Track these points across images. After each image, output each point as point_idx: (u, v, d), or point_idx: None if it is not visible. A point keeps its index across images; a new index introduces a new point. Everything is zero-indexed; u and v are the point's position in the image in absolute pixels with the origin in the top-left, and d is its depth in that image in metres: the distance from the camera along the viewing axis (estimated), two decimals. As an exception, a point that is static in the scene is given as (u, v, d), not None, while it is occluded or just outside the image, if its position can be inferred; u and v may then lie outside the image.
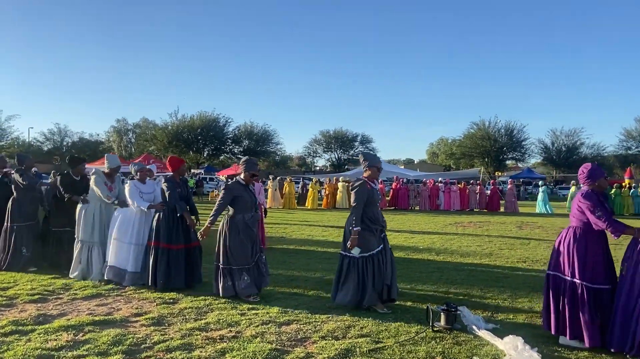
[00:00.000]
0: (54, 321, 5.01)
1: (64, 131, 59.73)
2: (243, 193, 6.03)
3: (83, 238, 7.02)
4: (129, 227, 6.73)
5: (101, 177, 7.11)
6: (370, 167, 5.71)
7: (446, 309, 4.92)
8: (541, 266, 8.77)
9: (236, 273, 5.92)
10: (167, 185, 6.49)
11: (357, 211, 5.50)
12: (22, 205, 7.77)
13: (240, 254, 5.91)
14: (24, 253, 7.62)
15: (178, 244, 6.44)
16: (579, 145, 56.84)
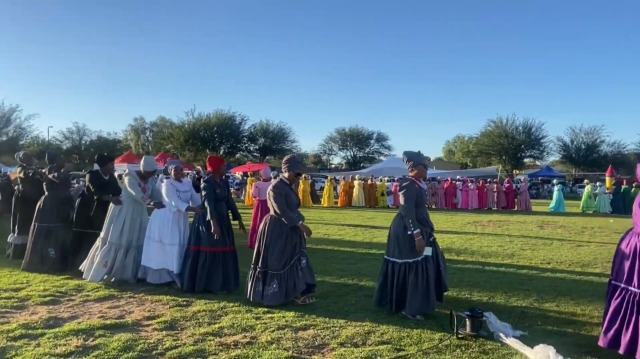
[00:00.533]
0: (64, 325, 4.87)
1: (82, 130, 60.16)
2: (289, 192, 5.75)
3: (111, 240, 6.69)
4: (167, 227, 6.52)
5: (135, 178, 6.85)
6: (416, 166, 5.45)
7: (471, 315, 4.67)
8: (566, 267, 8.47)
9: (268, 278, 5.62)
10: (205, 186, 6.22)
11: (410, 212, 5.23)
12: (54, 205, 7.53)
13: (278, 258, 5.58)
14: (52, 254, 7.38)
15: (215, 247, 6.21)
16: (599, 143, 55.70)
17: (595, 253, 10.13)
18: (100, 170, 7.34)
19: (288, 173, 5.80)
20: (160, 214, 6.61)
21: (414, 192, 5.28)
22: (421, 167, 5.46)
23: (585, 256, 9.63)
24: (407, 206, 5.24)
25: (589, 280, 7.43)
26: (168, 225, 6.53)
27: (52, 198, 7.55)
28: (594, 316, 5.48)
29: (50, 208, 7.48)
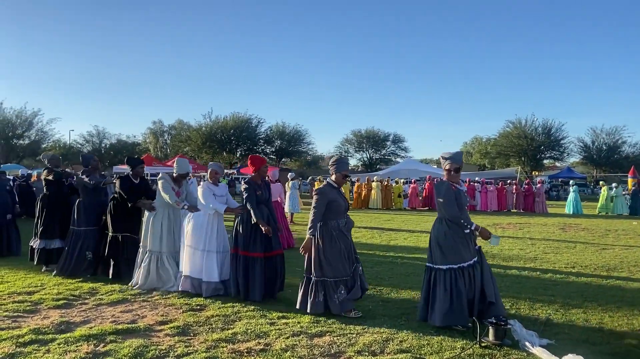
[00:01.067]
0: (75, 330, 4.78)
1: (102, 133, 60.87)
2: (337, 196, 5.42)
3: (152, 248, 6.50)
4: (202, 233, 6.20)
5: (168, 181, 6.62)
6: (452, 170, 5.19)
7: (495, 323, 4.46)
8: (592, 271, 8.18)
9: (331, 287, 5.26)
10: (246, 188, 5.94)
11: (454, 212, 4.97)
12: (88, 208, 7.35)
13: (337, 264, 5.25)
14: (89, 257, 7.19)
15: (255, 252, 5.86)
16: (620, 143, 54.67)
17: (621, 256, 9.80)
18: (131, 174, 7.13)
19: (335, 176, 5.50)
20: (195, 218, 6.29)
21: (452, 194, 5.03)
22: (453, 172, 5.19)
23: (611, 260, 9.31)
24: (450, 208, 4.99)
25: (616, 285, 7.15)
26: (204, 230, 6.21)
27: (86, 202, 7.35)
28: (622, 324, 5.23)
29: (85, 212, 7.30)
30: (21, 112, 49.51)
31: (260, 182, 6.10)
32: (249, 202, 5.87)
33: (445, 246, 4.98)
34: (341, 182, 5.52)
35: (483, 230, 4.98)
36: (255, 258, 5.85)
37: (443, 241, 5.01)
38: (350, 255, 5.39)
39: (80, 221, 7.28)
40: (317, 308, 5.28)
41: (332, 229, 5.33)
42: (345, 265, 5.30)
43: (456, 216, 4.96)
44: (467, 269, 4.92)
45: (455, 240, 4.95)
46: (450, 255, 4.95)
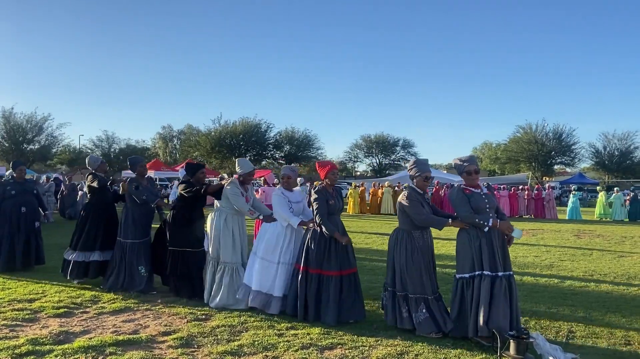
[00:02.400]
0: (74, 341, 4.57)
1: (111, 138, 60.99)
2: (423, 202, 5.02)
3: (225, 259, 5.83)
4: (278, 243, 5.60)
5: (238, 186, 5.91)
6: (460, 174, 4.95)
7: (517, 336, 4.19)
8: (612, 279, 7.87)
9: (413, 303, 4.86)
10: (317, 198, 5.33)
11: (462, 211, 4.71)
12: (137, 218, 6.64)
13: (416, 279, 4.85)
14: (142, 273, 6.53)
15: (330, 270, 5.26)
16: (633, 149, 53.96)
17: (621, 265, 9.46)
18: (192, 180, 6.35)
19: (417, 179, 5.05)
20: (271, 227, 5.71)
21: (463, 196, 4.75)
22: (465, 176, 4.89)
23: (630, 268, 8.99)
24: (459, 209, 4.73)
25: (638, 294, 6.84)
26: (280, 241, 5.61)
27: (135, 211, 6.66)
28: (651, 337, 4.94)
29: (133, 222, 6.60)
30: (31, 117, 49.75)
31: (331, 190, 5.51)
32: (319, 214, 5.28)
33: (458, 254, 4.81)
34: (423, 186, 5.07)
35: (502, 223, 4.65)
36: (330, 276, 5.25)
37: (457, 248, 4.83)
38: (434, 272, 5.05)
39: (129, 232, 6.58)
40: (405, 324, 4.90)
41: (416, 239, 4.95)
42: (427, 281, 4.90)
43: (467, 217, 4.68)
44: (477, 278, 4.59)
45: (465, 248, 4.71)
46: (460, 262, 4.75)
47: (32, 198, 8.24)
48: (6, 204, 7.93)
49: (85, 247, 6.90)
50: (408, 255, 4.89)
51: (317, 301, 5.26)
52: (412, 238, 4.94)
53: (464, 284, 4.66)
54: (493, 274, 4.56)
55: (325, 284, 5.24)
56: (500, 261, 4.63)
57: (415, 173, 5.06)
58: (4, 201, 7.93)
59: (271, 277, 5.54)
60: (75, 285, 6.83)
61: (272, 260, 5.57)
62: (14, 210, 7.93)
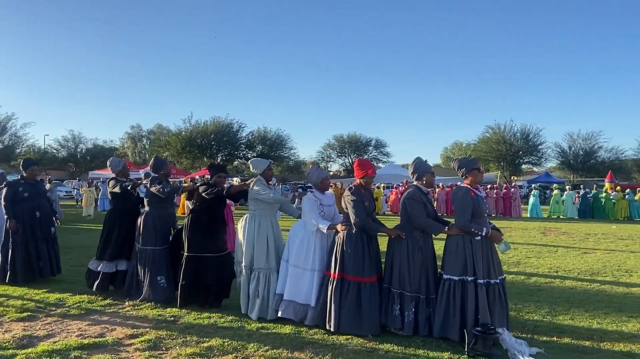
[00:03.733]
0: (38, 345, 4.46)
1: (78, 138, 59.60)
2: (426, 203, 4.92)
3: (259, 265, 5.43)
4: (310, 248, 5.20)
5: (263, 182, 5.57)
6: (470, 172, 4.83)
7: (483, 332, 4.27)
8: (576, 275, 8.09)
9: (407, 301, 4.77)
10: (353, 198, 5.01)
11: (464, 219, 4.61)
12: (158, 223, 6.14)
13: (414, 278, 4.76)
14: (162, 284, 6.01)
15: (369, 276, 4.93)
16: (597, 149, 55.49)
17: (603, 260, 9.75)
18: (214, 182, 6.00)
19: (426, 176, 5.02)
20: (303, 231, 5.29)
21: (469, 201, 4.65)
22: (476, 172, 4.82)
23: (594, 264, 9.25)
24: (461, 215, 4.62)
25: (601, 290, 7.05)
26: (312, 246, 5.21)
27: (154, 216, 6.15)
28: (611, 331, 5.10)
29: (154, 228, 6.10)
30: (-7, 117, 48.34)
31: (365, 192, 5.21)
32: (359, 215, 4.92)
33: (448, 254, 4.75)
34: (429, 184, 5.02)
35: (494, 233, 4.65)
36: (367, 284, 4.90)
37: (449, 248, 4.76)
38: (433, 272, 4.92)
39: (149, 238, 6.06)
40: (395, 323, 4.79)
41: (417, 238, 4.86)
42: (424, 280, 4.81)
43: (464, 226, 4.61)
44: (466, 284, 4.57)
45: (458, 251, 4.65)
46: (450, 263, 4.69)
47: (46, 202, 7.37)
48: (18, 208, 6.99)
49: (112, 256, 6.42)
50: (409, 254, 4.82)
51: (357, 310, 4.82)
52: (413, 237, 4.86)
53: (451, 286, 4.61)
54: (486, 281, 4.55)
55: (364, 292, 4.86)
56: (495, 267, 4.64)
57: (417, 176, 5.02)
58: (15, 205, 6.99)
59: (305, 285, 5.13)
60: (40, 289, 6.64)
61: (304, 267, 5.16)
62: (28, 215, 7.01)
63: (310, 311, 5.07)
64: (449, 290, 4.62)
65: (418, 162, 5.11)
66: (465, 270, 4.58)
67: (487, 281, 4.57)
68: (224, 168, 6.31)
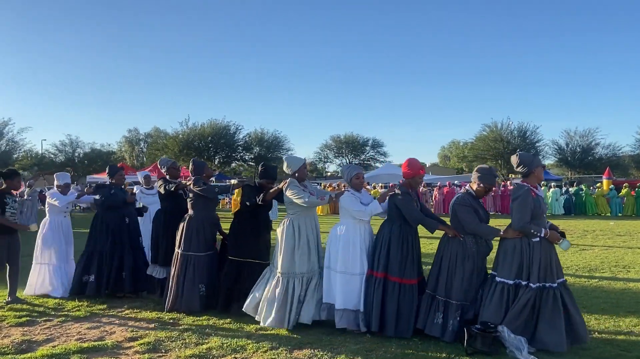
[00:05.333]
0: (37, 349, 4.46)
1: (75, 142, 59.45)
2: (477, 208, 4.74)
3: (302, 270, 5.09)
4: (356, 252, 4.96)
5: (296, 184, 5.27)
6: (534, 169, 4.51)
7: (483, 329, 4.28)
8: (574, 272, 8.11)
9: (452, 310, 4.59)
10: (402, 199, 4.85)
11: (523, 222, 4.33)
12: (202, 227, 5.76)
13: (462, 286, 4.57)
14: (201, 292, 5.66)
15: (412, 278, 4.83)
16: (594, 145, 55.59)
17: (601, 257, 9.79)
18: (261, 185, 5.74)
19: (478, 186, 4.73)
20: (345, 233, 5.03)
21: (530, 202, 4.36)
22: (540, 170, 4.54)
23: (592, 261, 9.28)
24: (521, 216, 4.34)
25: (599, 286, 7.08)
26: (357, 248, 4.97)
27: (198, 219, 5.79)
28: (609, 327, 5.13)
29: (197, 232, 5.73)
30: (-10, 122, 48.29)
31: (412, 191, 5.09)
32: (413, 216, 4.84)
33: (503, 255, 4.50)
34: (483, 193, 4.78)
35: (552, 233, 4.39)
36: (409, 286, 4.80)
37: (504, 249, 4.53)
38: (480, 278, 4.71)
39: (192, 243, 5.69)
40: (435, 331, 4.62)
41: (468, 246, 4.66)
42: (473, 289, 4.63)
43: (523, 227, 4.34)
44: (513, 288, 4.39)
45: (515, 253, 4.41)
46: (506, 266, 4.44)
47: (133, 210, 6.87)
48: (109, 215, 6.49)
49: (166, 261, 6.05)
50: (459, 260, 4.63)
51: (398, 313, 4.74)
52: (464, 243, 4.66)
53: (504, 289, 4.39)
54: (541, 285, 4.33)
55: (407, 294, 4.78)
56: (554, 270, 4.40)
57: (479, 180, 4.73)
58: (106, 212, 6.50)
59: (356, 291, 4.91)
60: (38, 294, 6.62)
61: (353, 272, 4.93)
62: (117, 222, 6.49)
63: (362, 317, 4.86)
64: (502, 294, 4.37)
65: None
66: (520, 273, 4.36)
67: (542, 284, 4.32)
68: (274, 175, 5.89)
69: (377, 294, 4.78)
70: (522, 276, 4.36)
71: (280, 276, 5.09)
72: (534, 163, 4.52)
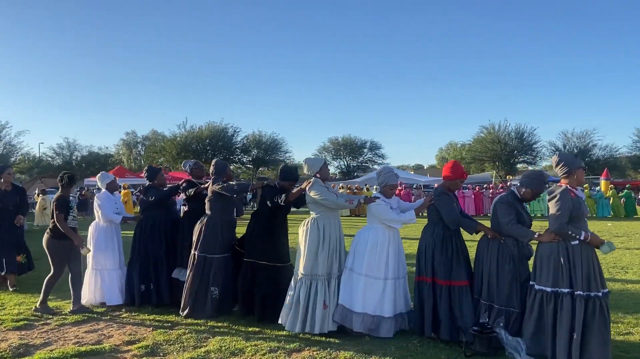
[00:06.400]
0: (35, 353, 4.44)
1: (73, 145, 59.43)
2: (519, 209, 4.57)
3: (322, 272, 4.92)
4: (382, 255, 4.85)
5: (321, 184, 5.12)
6: (576, 170, 4.23)
7: (480, 331, 4.28)
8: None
9: (494, 315, 4.45)
10: (440, 200, 4.81)
11: (560, 224, 4.05)
12: (220, 228, 5.59)
13: (505, 290, 4.42)
14: (214, 295, 5.51)
15: (461, 279, 4.70)
16: (591, 147, 55.72)
17: (599, 258, 9.75)
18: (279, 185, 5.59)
19: (525, 189, 4.57)
20: (373, 236, 4.91)
21: (568, 202, 4.09)
22: (581, 171, 4.27)
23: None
24: (558, 217, 4.06)
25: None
26: (385, 252, 4.86)
27: (216, 220, 5.61)
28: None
29: (214, 233, 5.55)
30: (-13, 126, 48.21)
31: (451, 194, 5.00)
32: (452, 214, 4.73)
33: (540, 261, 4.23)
34: (529, 198, 4.63)
35: (593, 237, 4.09)
36: (458, 287, 4.67)
37: (541, 254, 4.26)
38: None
39: (210, 245, 5.52)
40: None
41: (509, 246, 4.49)
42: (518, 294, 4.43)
43: (561, 228, 4.06)
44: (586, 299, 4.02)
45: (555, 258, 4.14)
46: (544, 273, 4.18)
47: (177, 211, 6.59)
48: (160, 218, 6.21)
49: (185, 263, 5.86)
50: (499, 262, 4.47)
51: (452, 316, 4.61)
52: (504, 245, 4.51)
53: (544, 298, 4.14)
54: (586, 294, 4.01)
55: (458, 296, 4.65)
56: (597, 278, 4.08)
57: (527, 185, 4.56)
58: (157, 214, 6.22)
59: (377, 296, 4.80)
60: (36, 297, 6.59)
61: (377, 276, 4.81)
62: (170, 225, 6.19)
63: (384, 323, 4.77)
64: (541, 303, 4.15)
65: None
66: (559, 280, 4.08)
67: (587, 293, 4.01)
68: (296, 176, 5.73)
69: (428, 298, 4.70)
70: (561, 284, 4.07)
71: (304, 278, 4.95)
72: (575, 164, 4.26)
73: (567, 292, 4.02)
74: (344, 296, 4.88)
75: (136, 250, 6.15)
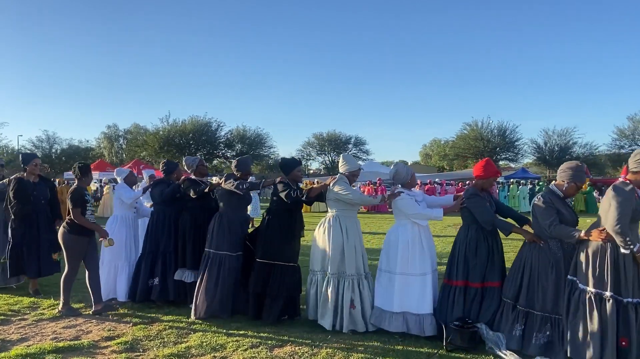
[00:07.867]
0: (11, 349, 4.35)
1: (52, 138, 58.64)
2: (561, 208, 4.27)
3: (351, 272, 4.88)
4: (415, 251, 4.72)
5: (346, 181, 5.04)
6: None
7: (461, 326, 4.31)
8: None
9: (536, 322, 4.19)
10: (472, 201, 4.67)
11: (620, 225, 3.68)
12: (234, 225, 5.43)
13: (548, 296, 4.15)
14: (228, 293, 5.33)
15: (494, 280, 4.61)
16: (571, 144, 56.55)
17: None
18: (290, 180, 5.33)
19: (569, 184, 4.27)
20: (403, 234, 4.77)
21: (632, 202, 3.74)
22: None
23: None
24: (617, 217, 3.68)
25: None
26: (416, 247, 4.74)
27: (230, 218, 5.44)
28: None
29: (229, 231, 5.39)
30: (-35, 118, 47.27)
31: (483, 193, 4.86)
32: (486, 214, 4.60)
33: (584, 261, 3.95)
34: (571, 193, 4.31)
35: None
36: (490, 288, 4.58)
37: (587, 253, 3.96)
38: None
39: (224, 242, 5.35)
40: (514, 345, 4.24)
41: (553, 250, 4.22)
42: (558, 300, 4.14)
43: (621, 231, 3.68)
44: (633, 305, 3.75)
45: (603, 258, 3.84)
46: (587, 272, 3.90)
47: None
48: (171, 212, 5.98)
49: (194, 265, 5.66)
50: (541, 268, 4.21)
51: (481, 316, 4.53)
52: (548, 248, 4.24)
53: (587, 299, 3.86)
54: (636, 301, 3.73)
55: (490, 297, 4.56)
56: None
57: (569, 178, 4.25)
58: (168, 208, 5.99)
59: (417, 293, 4.67)
60: (13, 292, 6.48)
61: (413, 273, 4.70)
62: (182, 220, 5.86)
63: (426, 320, 4.64)
64: (585, 303, 3.87)
65: (577, 168, 4.26)
66: (603, 282, 3.78)
67: (638, 301, 3.74)
68: (299, 162, 5.55)
69: (457, 302, 4.61)
70: (605, 286, 3.78)
71: (332, 277, 4.87)
72: None
73: (612, 296, 3.75)
74: (379, 298, 4.81)
75: (147, 244, 6.00)
